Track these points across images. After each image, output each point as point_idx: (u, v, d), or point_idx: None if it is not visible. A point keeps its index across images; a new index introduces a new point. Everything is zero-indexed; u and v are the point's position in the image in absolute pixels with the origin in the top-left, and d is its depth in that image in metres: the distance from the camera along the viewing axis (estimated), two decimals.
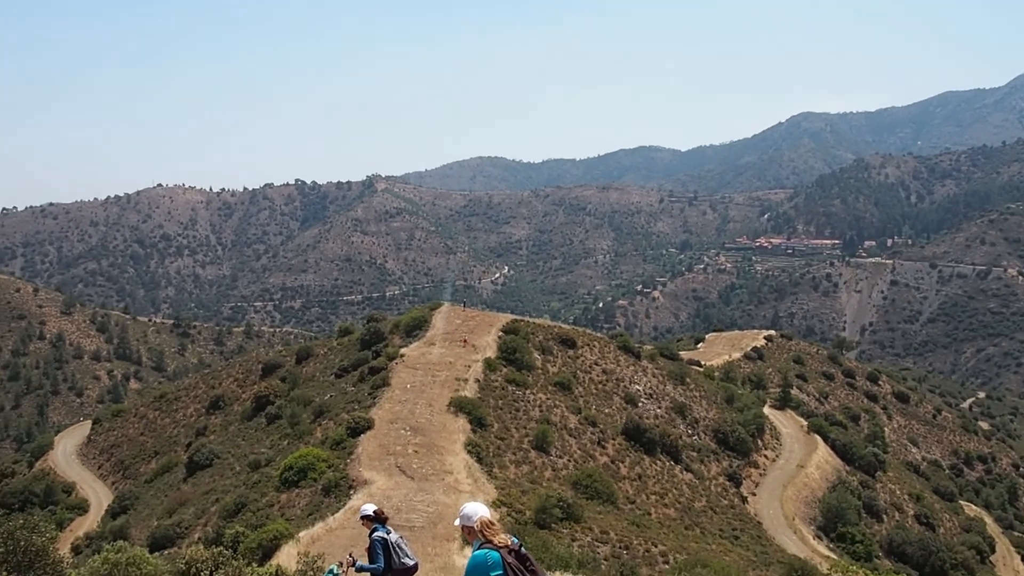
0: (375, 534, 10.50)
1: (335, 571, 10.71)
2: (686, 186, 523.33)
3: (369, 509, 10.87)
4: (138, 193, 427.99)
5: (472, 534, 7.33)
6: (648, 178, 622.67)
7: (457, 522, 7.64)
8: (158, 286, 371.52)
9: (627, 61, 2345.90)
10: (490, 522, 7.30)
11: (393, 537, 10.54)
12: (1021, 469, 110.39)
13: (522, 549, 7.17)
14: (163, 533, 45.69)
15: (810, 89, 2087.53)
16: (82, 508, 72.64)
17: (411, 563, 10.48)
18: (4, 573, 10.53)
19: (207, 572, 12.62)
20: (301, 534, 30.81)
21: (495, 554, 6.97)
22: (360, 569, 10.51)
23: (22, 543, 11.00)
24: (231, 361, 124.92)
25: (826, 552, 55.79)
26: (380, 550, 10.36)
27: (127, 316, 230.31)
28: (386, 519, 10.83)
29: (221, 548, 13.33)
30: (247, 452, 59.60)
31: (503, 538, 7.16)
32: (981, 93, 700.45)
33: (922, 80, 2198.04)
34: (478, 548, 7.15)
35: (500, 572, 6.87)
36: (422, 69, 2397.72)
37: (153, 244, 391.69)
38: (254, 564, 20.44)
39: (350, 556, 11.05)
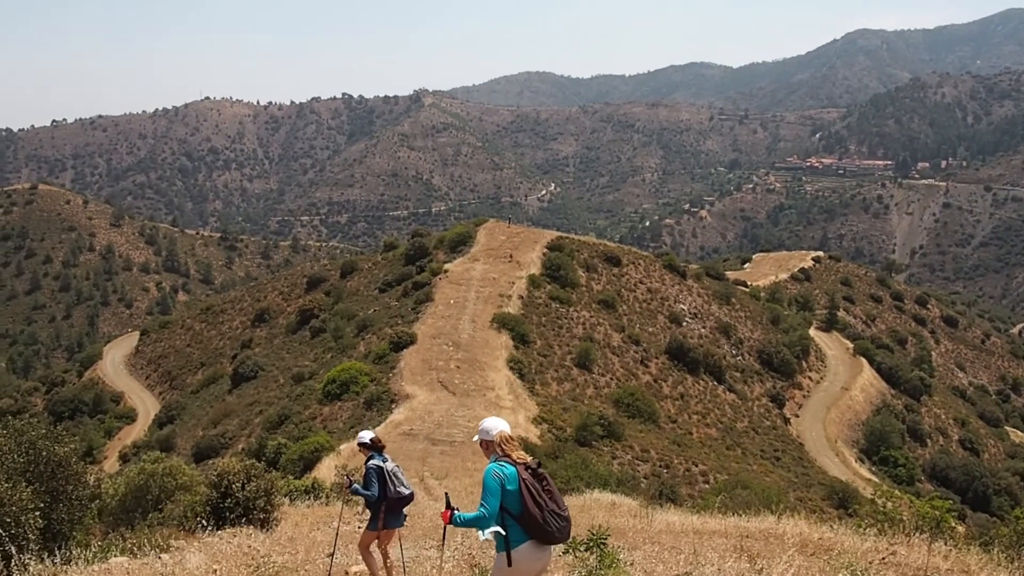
0: (371, 462, 10.39)
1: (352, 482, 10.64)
2: (737, 104, 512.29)
3: (366, 437, 10.76)
4: (186, 106, 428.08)
5: (490, 449, 6.93)
6: (698, 95, 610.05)
7: (476, 438, 7.24)
8: (206, 199, 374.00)
9: None
10: (510, 437, 6.93)
11: (389, 465, 10.38)
12: None
13: (540, 469, 6.79)
14: (207, 443, 46.48)
15: (867, 5, 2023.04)
16: (130, 417, 74.02)
17: (407, 492, 10.32)
18: (24, 483, 10.44)
19: (238, 485, 12.56)
20: (342, 447, 31.06)
21: (511, 467, 6.65)
22: (355, 492, 10.41)
23: (44, 453, 10.93)
24: (277, 274, 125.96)
25: (868, 475, 55.52)
26: (375, 478, 10.23)
27: (175, 229, 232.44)
28: (383, 447, 10.70)
29: (253, 461, 13.25)
30: (291, 365, 60.27)
31: (522, 455, 6.82)
32: None
33: None
34: (493, 462, 6.81)
35: (515, 487, 6.54)
36: None
37: (201, 157, 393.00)
38: (289, 477, 20.53)
39: (347, 478, 10.97)
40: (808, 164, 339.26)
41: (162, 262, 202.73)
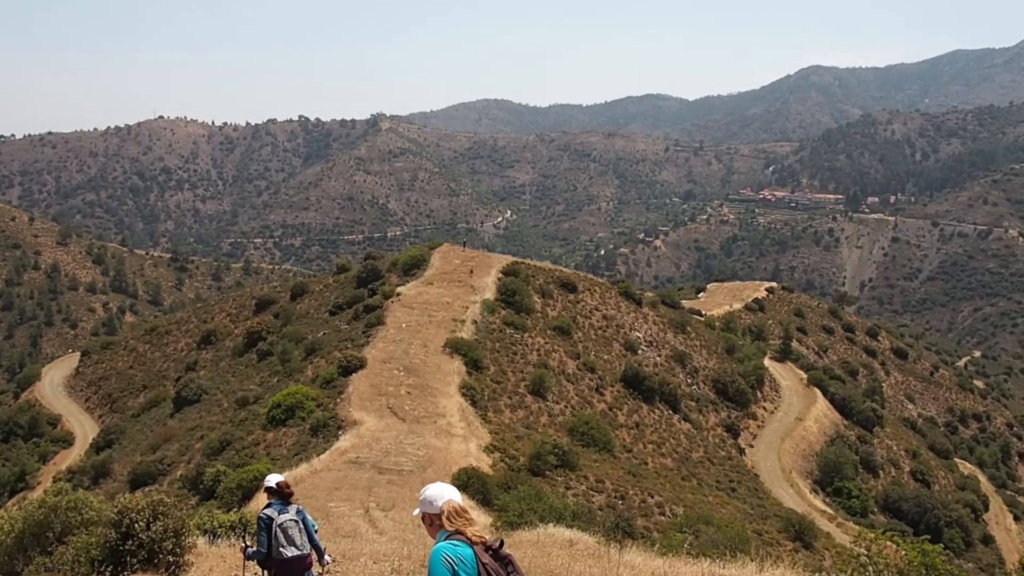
0: (264, 511, 8.86)
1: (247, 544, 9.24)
2: (692, 136, 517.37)
3: (272, 481, 9.22)
4: (139, 124, 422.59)
5: (435, 525, 5.49)
6: (654, 126, 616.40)
7: (416, 511, 5.75)
8: (157, 219, 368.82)
9: (637, 7, 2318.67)
10: (460, 509, 5.51)
11: (284, 518, 8.72)
12: (1015, 428, 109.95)
13: (502, 548, 5.40)
14: (145, 469, 44.53)
15: (820, 43, 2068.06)
16: (67, 441, 71.44)
17: (290, 555, 8.63)
18: None
19: (142, 524, 10.93)
20: (284, 475, 29.54)
21: (467, 549, 5.24)
22: (248, 557, 8.97)
23: None
24: (224, 295, 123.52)
25: (822, 507, 55.01)
26: (263, 531, 8.65)
27: (124, 248, 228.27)
28: (289, 494, 9.15)
29: (162, 496, 11.72)
30: (236, 388, 58.47)
31: (477, 531, 5.41)
32: (990, 53, 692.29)
33: (932, 37, 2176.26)
34: (444, 540, 5.36)
35: (471, 574, 5.17)
36: (430, 8, 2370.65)
37: (153, 177, 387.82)
38: (215, 511, 19.04)
39: (243, 540, 9.52)
40: (761, 196, 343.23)
41: (109, 282, 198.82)
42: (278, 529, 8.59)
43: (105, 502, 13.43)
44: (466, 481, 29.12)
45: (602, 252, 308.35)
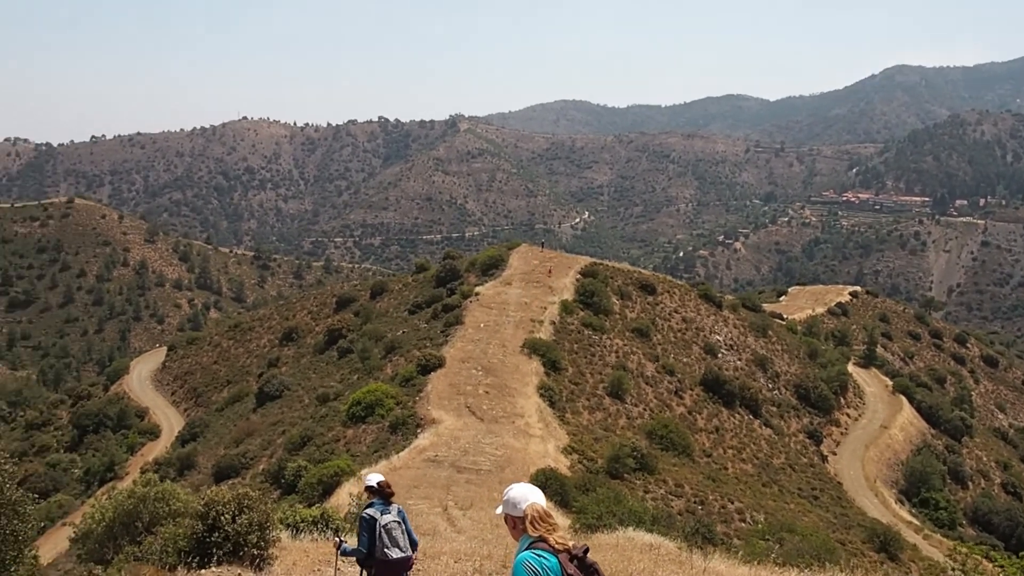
0: (366, 511, 8.85)
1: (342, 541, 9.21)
2: (773, 137, 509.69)
3: (373, 480, 9.22)
4: (223, 125, 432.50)
5: (518, 528, 5.26)
6: (734, 127, 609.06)
7: (499, 510, 5.53)
8: (241, 218, 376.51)
9: (717, 7, 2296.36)
10: (544, 513, 5.26)
11: (387, 519, 8.69)
12: None
13: (588, 556, 5.14)
14: (228, 463, 45.38)
15: (905, 42, 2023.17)
16: (154, 433, 73.30)
17: (395, 556, 8.61)
18: None
19: (228, 516, 11.03)
20: (363, 472, 29.71)
21: (552, 559, 4.99)
22: (344, 553, 8.94)
23: None
24: (306, 293, 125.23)
25: (908, 517, 53.59)
26: (364, 531, 8.64)
27: (209, 246, 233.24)
28: (391, 494, 9.14)
29: (247, 489, 11.78)
30: (317, 385, 59.28)
31: (561, 537, 5.15)
32: None
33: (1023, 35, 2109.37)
34: (526, 548, 5.14)
35: None
36: (509, 10, 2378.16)
37: (237, 176, 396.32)
38: (298, 505, 19.18)
39: (336, 537, 9.53)
40: (844, 199, 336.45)
41: (195, 279, 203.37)
42: (382, 530, 8.60)
43: (191, 494, 13.61)
44: (544, 482, 28.97)
45: (681, 254, 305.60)
